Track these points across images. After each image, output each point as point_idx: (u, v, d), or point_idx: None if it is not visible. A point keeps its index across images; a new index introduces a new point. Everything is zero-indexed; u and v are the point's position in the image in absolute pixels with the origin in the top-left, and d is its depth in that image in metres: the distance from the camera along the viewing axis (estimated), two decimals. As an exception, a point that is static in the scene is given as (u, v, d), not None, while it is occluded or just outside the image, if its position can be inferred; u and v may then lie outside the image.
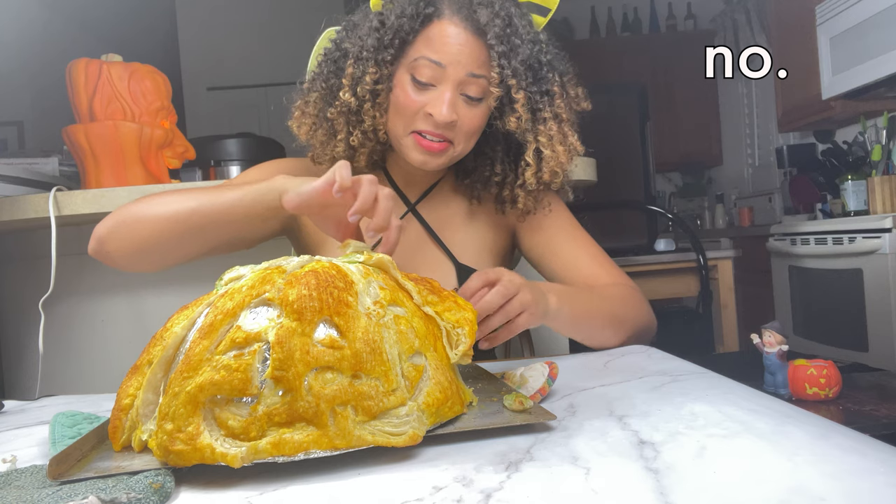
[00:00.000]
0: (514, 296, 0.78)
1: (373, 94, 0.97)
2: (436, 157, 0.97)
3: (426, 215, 1.09)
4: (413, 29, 0.94)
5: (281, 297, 0.55)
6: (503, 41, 0.92)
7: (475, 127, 0.97)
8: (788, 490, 0.42)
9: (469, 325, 0.66)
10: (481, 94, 0.95)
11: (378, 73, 0.96)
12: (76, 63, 1.47)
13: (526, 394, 0.67)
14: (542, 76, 0.97)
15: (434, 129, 0.94)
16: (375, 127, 0.99)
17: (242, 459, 0.50)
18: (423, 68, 0.93)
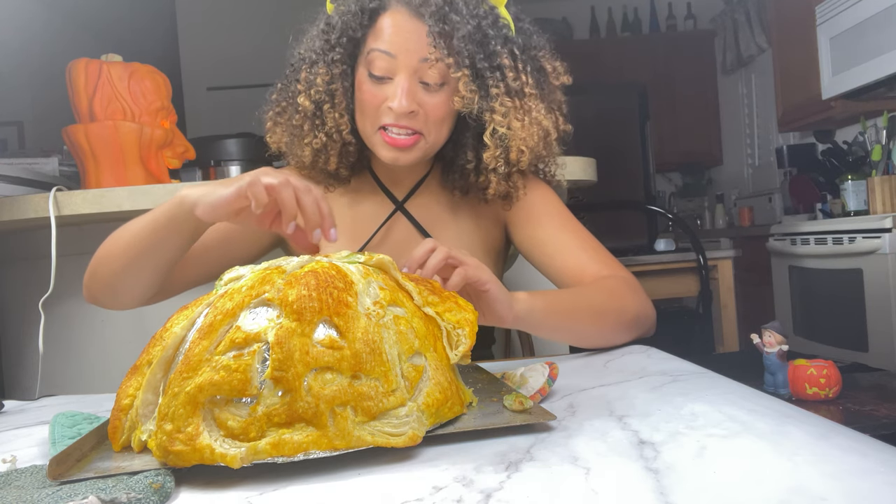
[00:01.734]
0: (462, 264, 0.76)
1: (328, 94, 0.97)
2: (406, 153, 0.95)
3: (415, 213, 1.07)
4: (361, 25, 0.94)
5: (280, 297, 0.55)
6: (440, 19, 0.90)
7: (441, 114, 0.94)
8: (788, 490, 0.42)
9: (469, 326, 0.66)
10: (440, 79, 0.92)
11: (329, 74, 0.96)
12: (76, 63, 1.47)
13: (526, 394, 0.67)
14: (491, 51, 0.93)
15: (397, 121, 0.93)
16: (338, 128, 0.98)
17: (242, 460, 0.50)
18: (376, 61, 0.92)
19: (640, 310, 0.96)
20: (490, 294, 0.77)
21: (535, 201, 1.07)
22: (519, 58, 0.95)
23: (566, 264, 1.02)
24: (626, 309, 0.94)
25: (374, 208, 1.08)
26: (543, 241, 1.05)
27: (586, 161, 1.48)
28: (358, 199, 1.09)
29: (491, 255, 1.10)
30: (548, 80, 1.01)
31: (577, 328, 0.92)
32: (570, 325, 0.91)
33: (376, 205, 1.08)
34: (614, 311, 0.93)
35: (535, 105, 0.96)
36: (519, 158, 0.96)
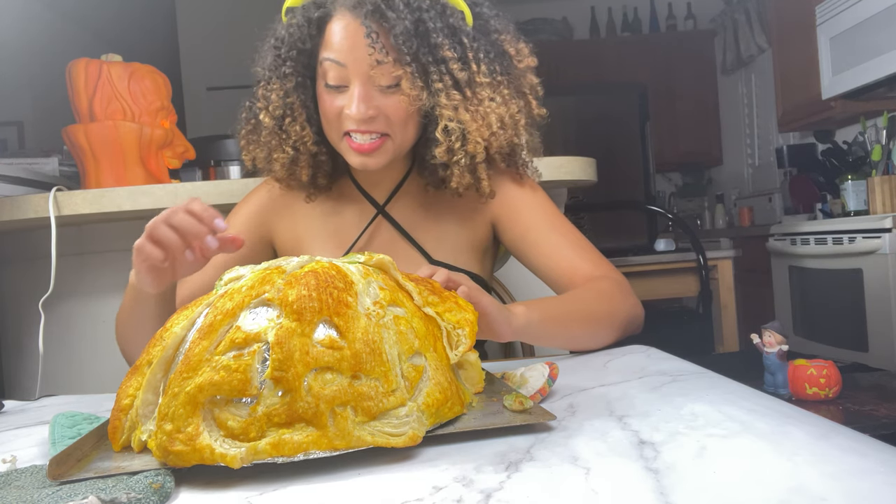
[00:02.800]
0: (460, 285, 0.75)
1: (287, 108, 0.97)
2: (373, 157, 0.94)
3: (396, 215, 1.06)
4: (310, 36, 0.94)
5: (280, 297, 0.55)
6: (377, 19, 0.89)
7: (402, 114, 0.92)
8: (788, 490, 0.42)
9: (469, 326, 0.66)
10: (393, 80, 0.91)
11: (283, 89, 0.96)
12: (76, 63, 1.47)
13: (526, 394, 0.67)
14: (433, 44, 0.90)
15: (359, 126, 0.92)
16: (302, 140, 0.99)
17: (242, 460, 0.50)
18: (329, 71, 0.92)
19: (631, 311, 0.97)
20: (489, 316, 0.76)
21: (523, 201, 1.05)
22: (469, 47, 0.93)
23: (559, 266, 1.01)
24: (618, 311, 0.95)
25: (356, 214, 1.08)
26: (534, 242, 1.03)
27: (586, 161, 1.48)
28: (339, 206, 1.09)
29: (477, 254, 1.08)
30: (512, 64, 0.99)
31: (571, 334, 0.93)
32: (565, 333, 0.92)
33: (358, 210, 1.08)
34: (607, 315, 0.94)
35: (491, 94, 0.94)
36: (475, 150, 0.94)
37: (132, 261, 0.79)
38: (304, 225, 1.09)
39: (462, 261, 1.05)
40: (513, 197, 1.06)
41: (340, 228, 1.08)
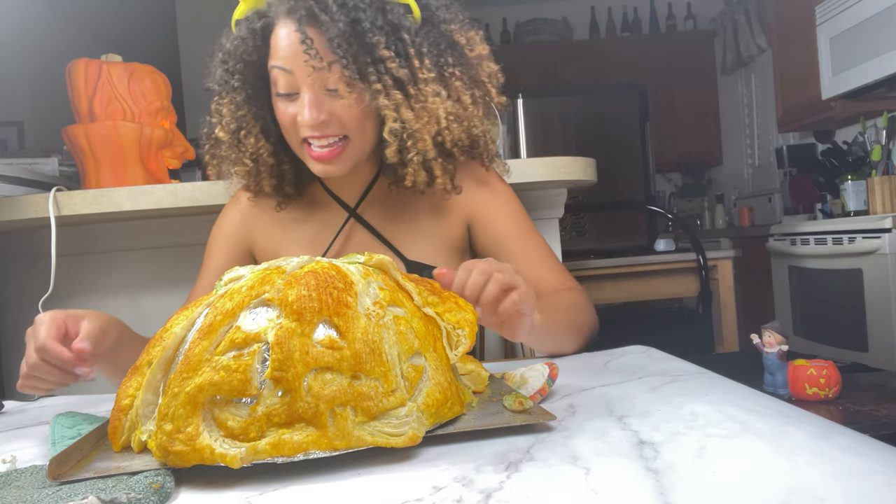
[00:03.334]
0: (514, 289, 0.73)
1: (239, 122, 0.97)
2: (334, 163, 0.93)
3: (368, 218, 1.06)
4: (255, 47, 0.93)
5: (280, 297, 0.55)
6: (311, 24, 0.87)
7: (357, 116, 0.91)
8: (788, 490, 0.42)
9: (469, 326, 0.66)
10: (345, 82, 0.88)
11: (233, 103, 0.96)
12: (76, 63, 1.47)
13: (526, 394, 0.67)
14: (368, 43, 0.87)
15: (313, 133, 0.91)
16: (258, 152, 0.98)
17: (242, 460, 0.50)
18: (278, 79, 0.91)
19: (595, 323, 1.01)
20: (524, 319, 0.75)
21: (496, 206, 1.05)
22: (411, 42, 0.90)
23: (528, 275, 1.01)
24: (590, 323, 0.99)
25: (329, 218, 1.07)
26: (505, 249, 1.04)
27: (586, 161, 1.48)
28: (312, 211, 1.08)
29: (455, 252, 1.07)
30: (464, 54, 0.96)
31: (558, 340, 0.94)
32: (554, 338, 0.93)
33: (330, 214, 1.07)
34: (584, 325, 0.97)
35: (436, 89, 0.91)
36: (423, 148, 0.92)
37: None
38: (279, 233, 1.09)
39: (439, 260, 1.04)
40: (486, 201, 1.05)
41: (315, 234, 1.07)
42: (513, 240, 1.04)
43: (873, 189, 2.80)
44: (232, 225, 1.11)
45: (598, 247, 2.78)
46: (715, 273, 2.53)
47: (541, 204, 1.57)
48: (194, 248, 1.15)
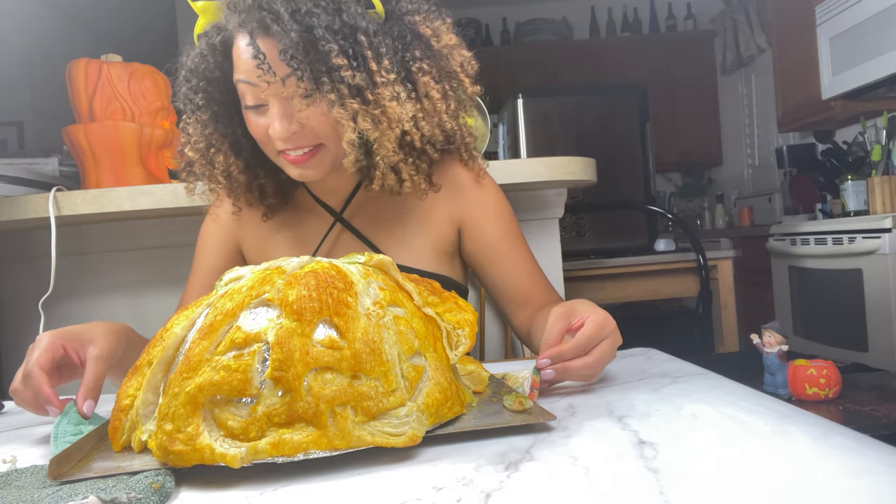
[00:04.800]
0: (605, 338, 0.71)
1: (207, 140, 0.95)
2: (312, 168, 0.91)
3: (356, 222, 1.04)
4: (216, 63, 0.91)
5: (280, 297, 0.55)
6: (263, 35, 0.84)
7: (329, 123, 0.87)
8: (788, 490, 0.42)
9: (469, 327, 0.66)
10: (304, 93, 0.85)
11: (199, 121, 0.94)
12: (76, 63, 1.47)
13: (523, 393, 0.67)
14: (323, 51, 0.82)
15: (286, 144, 0.88)
16: (228, 170, 0.97)
17: (242, 460, 0.50)
18: (245, 93, 0.88)
19: None
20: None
21: (487, 212, 1.04)
22: (368, 44, 0.85)
23: (517, 285, 1.03)
24: None
25: (315, 223, 1.05)
26: (496, 257, 1.03)
27: (586, 161, 1.48)
28: (299, 216, 1.07)
29: (445, 256, 1.05)
30: (430, 46, 0.92)
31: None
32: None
33: (316, 220, 1.05)
34: None
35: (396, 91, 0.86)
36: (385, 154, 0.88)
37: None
38: (266, 238, 1.08)
39: (429, 264, 1.03)
40: (476, 205, 1.03)
41: (302, 239, 1.06)
42: (504, 247, 1.03)
43: (873, 189, 2.80)
44: (216, 229, 1.11)
45: (598, 247, 2.78)
46: (715, 273, 2.53)
47: (541, 204, 1.57)
48: (194, 249, 1.15)
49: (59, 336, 0.75)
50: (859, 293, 2.62)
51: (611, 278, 2.45)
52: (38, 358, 0.72)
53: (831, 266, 2.81)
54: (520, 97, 2.82)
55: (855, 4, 2.79)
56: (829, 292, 2.86)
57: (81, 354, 0.75)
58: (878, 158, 2.85)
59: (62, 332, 0.76)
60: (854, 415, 1.12)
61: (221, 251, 1.10)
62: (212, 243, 1.11)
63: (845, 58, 2.90)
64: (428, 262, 1.03)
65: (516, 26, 5.15)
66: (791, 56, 3.41)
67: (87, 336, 0.76)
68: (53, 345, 0.74)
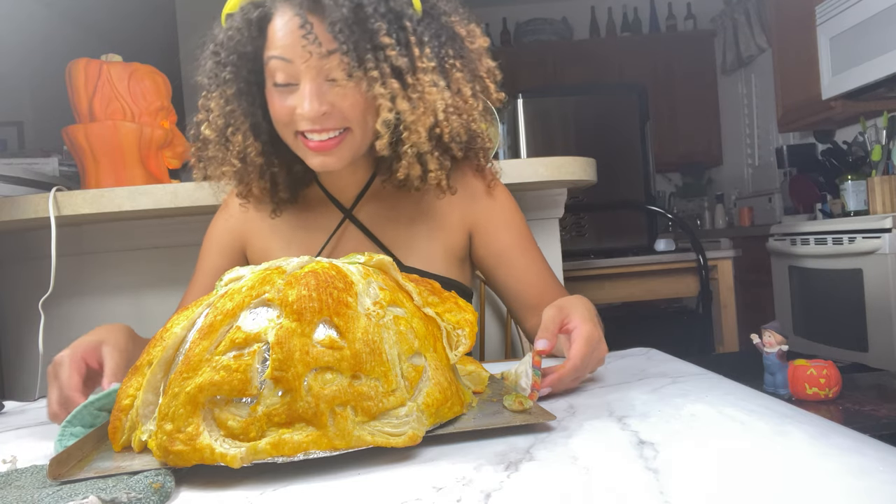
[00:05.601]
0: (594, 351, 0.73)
1: (227, 118, 0.94)
2: (334, 154, 0.90)
3: (364, 219, 1.03)
4: (251, 38, 0.90)
5: (281, 297, 0.55)
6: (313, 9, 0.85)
7: (360, 108, 0.88)
8: (788, 490, 0.42)
9: (469, 327, 0.66)
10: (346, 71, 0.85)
11: (223, 96, 0.93)
12: (76, 63, 1.47)
13: (522, 392, 0.67)
14: (370, 30, 0.84)
15: (313, 125, 0.87)
16: (245, 151, 0.95)
17: (242, 460, 0.50)
18: (276, 70, 0.87)
19: None
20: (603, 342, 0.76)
21: (500, 217, 1.04)
22: (412, 30, 0.87)
23: (529, 289, 1.03)
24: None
25: (323, 220, 1.05)
26: (508, 262, 1.03)
27: (586, 161, 1.48)
28: (306, 213, 1.06)
29: (454, 260, 1.05)
30: (465, 46, 0.94)
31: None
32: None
33: (325, 216, 1.05)
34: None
35: (436, 79, 0.88)
36: (417, 140, 0.89)
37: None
38: (271, 235, 1.07)
39: (436, 266, 1.02)
40: (489, 212, 1.04)
41: (307, 236, 1.05)
42: (515, 253, 1.03)
43: (873, 189, 2.80)
44: (223, 229, 1.10)
45: (598, 247, 2.78)
46: (715, 273, 2.53)
47: (541, 204, 1.57)
48: (194, 248, 1.15)
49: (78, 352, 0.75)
50: (859, 293, 2.62)
51: (611, 278, 2.45)
52: (68, 381, 0.72)
53: (831, 266, 2.81)
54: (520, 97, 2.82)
55: (855, 4, 2.79)
56: (829, 292, 2.86)
57: (98, 359, 0.76)
58: (878, 158, 2.85)
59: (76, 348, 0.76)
60: (854, 415, 1.12)
61: (225, 252, 1.10)
62: (216, 244, 1.10)
63: (845, 58, 2.90)
64: (437, 264, 1.03)
65: (516, 26, 5.15)
66: (791, 56, 3.41)
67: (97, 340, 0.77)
68: (77, 363, 0.74)
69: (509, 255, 1.03)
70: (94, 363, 0.76)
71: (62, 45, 3.56)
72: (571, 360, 0.70)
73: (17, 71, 3.68)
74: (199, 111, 0.96)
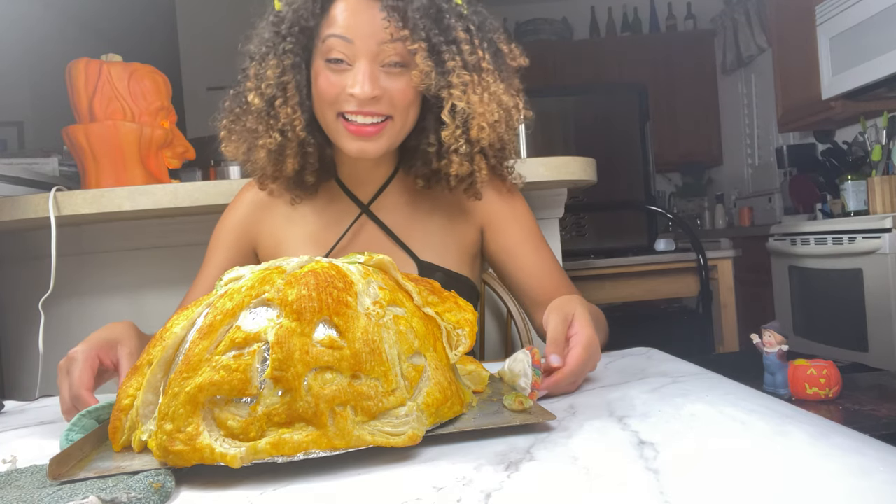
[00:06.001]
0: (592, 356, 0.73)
1: (280, 88, 0.94)
2: (373, 141, 0.92)
3: (381, 215, 1.05)
4: (313, 14, 0.91)
5: (280, 297, 0.55)
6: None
7: (408, 97, 0.91)
8: (788, 490, 0.42)
9: (469, 326, 0.66)
10: (400, 59, 0.89)
11: (280, 66, 0.93)
12: (76, 63, 1.47)
13: (521, 391, 0.67)
14: (446, 24, 0.90)
15: (360, 107, 0.89)
16: (291, 123, 0.94)
17: (242, 460, 0.50)
18: (333, 48, 0.89)
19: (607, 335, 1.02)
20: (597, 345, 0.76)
21: (511, 214, 1.06)
22: (475, 34, 0.93)
23: (539, 284, 1.04)
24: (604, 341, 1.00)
25: (339, 215, 1.05)
26: (518, 257, 1.05)
27: (586, 161, 1.48)
28: (322, 208, 1.06)
29: (466, 257, 1.07)
30: (505, 62, 0.98)
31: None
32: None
33: (341, 211, 1.05)
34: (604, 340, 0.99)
35: (494, 81, 0.93)
36: (479, 135, 0.92)
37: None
38: (284, 228, 1.07)
39: (450, 263, 1.04)
40: (501, 208, 1.06)
41: (322, 230, 1.05)
42: (527, 248, 1.05)
43: (873, 189, 2.80)
44: (233, 225, 1.10)
45: (598, 247, 2.78)
46: (715, 273, 2.53)
47: (541, 204, 1.57)
48: (194, 248, 1.15)
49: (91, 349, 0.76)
50: (859, 293, 2.62)
51: (611, 278, 2.45)
52: (80, 378, 0.72)
53: (831, 266, 2.81)
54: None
55: (855, 4, 2.79)
56: (829, 292, 2.86)
57: (113, 358, 0.77)
58: (878, 158, 2.85)
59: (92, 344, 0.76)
60: (854, 415, 1.12)
61: (233, 249, 1.09)
62: (224, 240, 1.10)
63: (845, 58, 2.90)
64: (451, 260, 1.04)
65: (516, 26, 5.15)
66: (791, 56, 3.41)
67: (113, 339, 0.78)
68: (90, 360, 0.74)
69: (520, 250, 1.05)
70: (107, 361, 0.76)
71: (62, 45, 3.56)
72: (569, 365, 0.70)
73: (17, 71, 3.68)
74: (250, 79, 0.96)
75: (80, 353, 0.74)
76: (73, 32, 4.03)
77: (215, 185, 1.37)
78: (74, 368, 0.73)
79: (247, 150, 1.00)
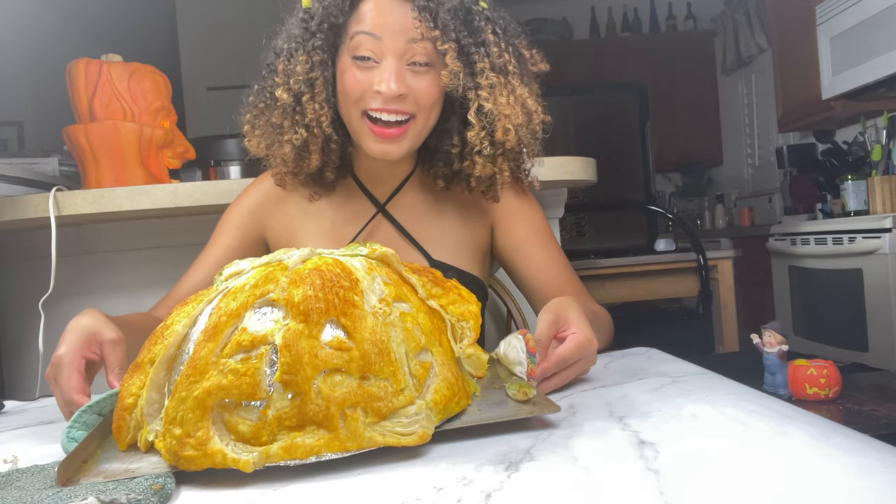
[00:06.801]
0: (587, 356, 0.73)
1: (308, 84, 0.94)
2: (396, 143, 0.93)
3: (397, 214, 1.05)
4: (342, 11, 0.92)
5: (286, 297, 0.55)
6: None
7: (432, 96, 0.92)
8: (788, 490, 0.42)
9: (474, 319, 0.66)
10: (427, 58, 0.90)
11: (309, 62, 0.93)
12: (76, 63, 1.46)
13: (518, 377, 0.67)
14: (475, 26, 0.92)
15: (385, 105, 0.90)
16: (318, 119, 0.94)
17: (255, 464, 0.50)
18: (361, 44, 0.90)
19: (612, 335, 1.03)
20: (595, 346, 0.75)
21: (522, 213, 1.07)
22: (501, 37, 0.94)
23: (548, 282, 1.04)
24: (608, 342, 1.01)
25: (354, 212, 1.06)
26: (528, 255, 1.06)
27: (586, 161, 1.48)
28: (337, 204, 1.07)
29: (477, 256, 1.08)
30: (527, 67, 1.00)
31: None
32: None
33: (356, 208, 1.06)
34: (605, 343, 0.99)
35: (519, 84, 0.94)
36: (505, 137, 0.93)
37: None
38: (298, 222, 1.07)
39: (463, 262, 1.05)
40: (512, 206, 1.07)
41: (336, 226, 1.06)
42: (536, 246, 1.06)
43: (873, 189, 2.80)
44: (254, 201, 1.09)
45: (598, 247, 2.77)
46: (715, 273, 2.53)
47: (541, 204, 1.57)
48: (194, 248, 1.15)
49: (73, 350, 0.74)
50: (859, 293, 2.62)
51: (611, 278, 2.45)
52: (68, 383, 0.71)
53: (831, 266, 2.81)
54: (520, 97, 2.81)
55: (855, 4, 2.79)
56: (829, 292, 2.86)
57: (97, 350, 0.75)
58: (878, 158, 2.85)
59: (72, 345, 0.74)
60: (854, 415, 1.12)
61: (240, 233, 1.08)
62: (233, 223, 1.08)
63: (845, 58, 2.90)
64: (464, 260, 1.05)
65: (520, 28, 5.14)
66: (791, 56, 3.41)
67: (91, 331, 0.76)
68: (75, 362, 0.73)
69: (528, 248, 1.06)
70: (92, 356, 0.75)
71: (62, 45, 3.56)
72: (556, 354, 0.70)
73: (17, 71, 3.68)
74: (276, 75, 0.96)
75: (64, 358, 0.72)
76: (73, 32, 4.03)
77: (215, 185, 1.37)
78: (61, 375, 0.71)
79: (269, 146, 1.01)
